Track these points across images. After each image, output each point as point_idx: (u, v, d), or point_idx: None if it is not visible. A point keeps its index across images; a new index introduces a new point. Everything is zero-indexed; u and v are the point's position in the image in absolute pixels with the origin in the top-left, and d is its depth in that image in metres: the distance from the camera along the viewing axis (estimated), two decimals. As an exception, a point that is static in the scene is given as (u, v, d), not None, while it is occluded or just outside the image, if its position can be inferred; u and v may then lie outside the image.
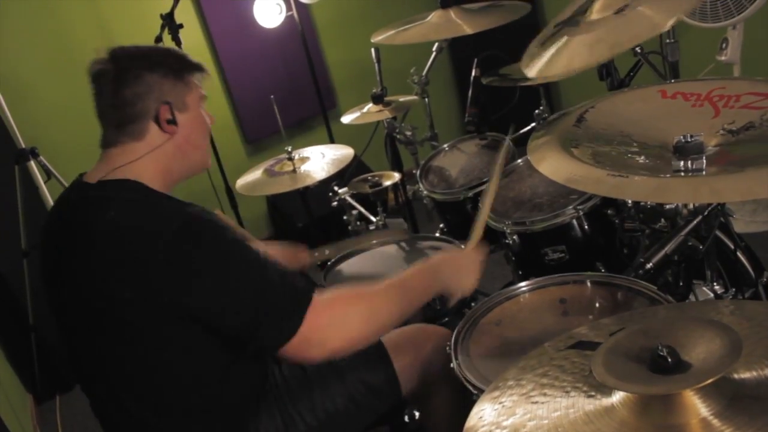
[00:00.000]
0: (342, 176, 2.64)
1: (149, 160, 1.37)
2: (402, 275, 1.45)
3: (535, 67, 1.64)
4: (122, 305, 1.26)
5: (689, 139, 1.11)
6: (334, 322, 1.33)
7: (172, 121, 1.38)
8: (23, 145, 2.86)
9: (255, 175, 2.54)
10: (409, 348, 1.61)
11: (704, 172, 1.09)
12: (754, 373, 0.86)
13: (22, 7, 3.24)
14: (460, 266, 1.54)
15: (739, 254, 1.70)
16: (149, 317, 1.26)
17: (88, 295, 1.31)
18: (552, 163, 1.21)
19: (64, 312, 1.39)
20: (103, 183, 1.34)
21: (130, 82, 1.35)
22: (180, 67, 1.41)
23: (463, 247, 1.60)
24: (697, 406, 0.82)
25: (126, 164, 1.35)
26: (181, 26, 2.93)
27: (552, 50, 1.62)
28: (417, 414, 1.70)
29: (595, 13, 1.62)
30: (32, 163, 2.85)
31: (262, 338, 1.28)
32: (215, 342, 1.33)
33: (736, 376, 0.86)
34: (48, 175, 2.87)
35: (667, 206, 1.55)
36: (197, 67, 1.46)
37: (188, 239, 1.26)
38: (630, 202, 1.76)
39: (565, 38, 1.62)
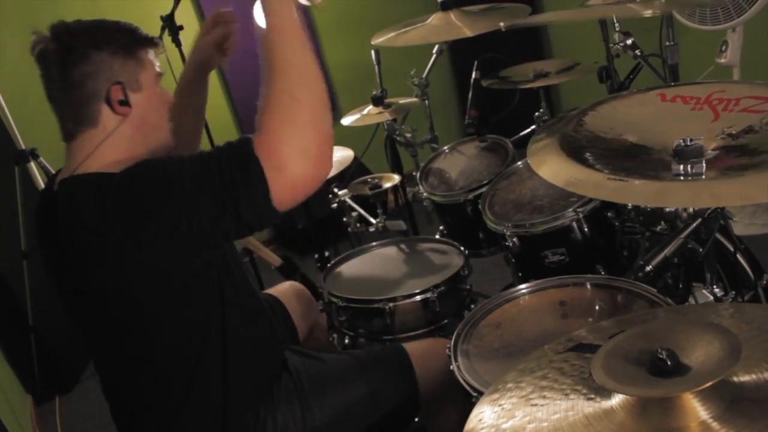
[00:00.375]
0: (342, 178, 2.64)
1: (109, 148, 1.31)
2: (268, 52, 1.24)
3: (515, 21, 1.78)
4: (111, 286, 1.25)
5: (689, 143, 1.12)
6: (290, 141, 1.15)
7: (125, 102, 1.31)
8: (23, 147, 2.86)
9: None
10: (426, 356, 1.63)
11: (704, 176, 1.10)
12: (754, 376, 0.86)
13: (23, 8, 3.24)
14: None
15: (738, 257, 1.71)
16: (136, 287, 1.24)
17: (86, 294, 1.31)
18: (551, 167, 1.22)
19: (69, 304, 1.39)
20: (63, 184, 1.30)
21: (77, 62, 1.27)
22: (130, 42, 1.33)
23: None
24: (697, 409, 0.82)
25: (87, 157, 1.30)
26: (181, 28, 2.93)
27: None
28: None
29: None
30: (32, 165, 2.85)
31: (251, 216, 1.17)
32: (208, 297, 1.31)
33: (735, 379, 0.86)
34: (48, 176, 2.87)
35: (667, 209, 1.55)
36: (150, 42, 1.38)
37: (125, 190, 1.20)
38: (630, 204, 1.76)
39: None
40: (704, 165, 1.11)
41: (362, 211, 2.64)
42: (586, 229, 1.80)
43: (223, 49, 1.79)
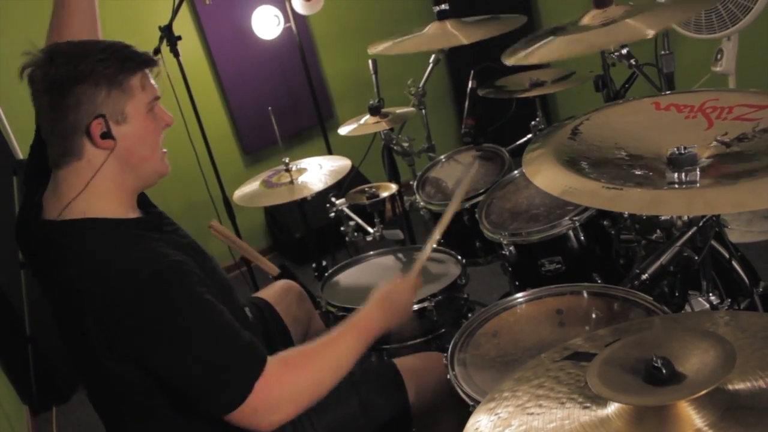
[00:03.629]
0: (339, 187, 2.64)
1: (99, 182, 1.29)
2: (344, 327, 1.42)
3: (515, 58, 1.80)
4: (97, 346, 1.25)
5: (683, 151, 1.12)
6: (284, 393, 1.28)
7: (108, 135, 1.26)
8: (21, 156, 2.86)
9: (253, 186, 2.54)
10: (419, 371, 1.63)
11: (698, 184, 1.10)
12: (749, 384, 0.86)
13: (21, 19, 3.25)
14: (397, 303, 1.52)
15: (734, 264, 1.71)
16: (113, 356, 1.25)
17: (68, 326, 1.33)
18: (547, 176, 1.22)
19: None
20: (65, 225, 1.28)
21: (59, 93, 1.24)
22: (116, 72, 1.26)
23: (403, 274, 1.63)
24: (692, 417, 0.83)
25: (78, 195, 1.28)
26: (179, 38, 2.94)
27: (535, 46, 1.78)
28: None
29: (583, 22, 1.72)
30: (30, 175, 2.85)
31: (206, 404, 1.25)
32: None
33: (730, 387, 0.86)
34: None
35: (663, 217, 1.55)
36: (142, 65, 1.31)
37: (155, 289, 1.21)
38: (626, 213, 1.77)
39: (550, 38, 1.77)
40: (698, 173, 1.11)
41: (359, 221, 2.64)
42: (582, 238, 1.80)
43: None
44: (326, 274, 2.19)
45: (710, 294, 1.54)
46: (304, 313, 2.02)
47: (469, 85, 2.45)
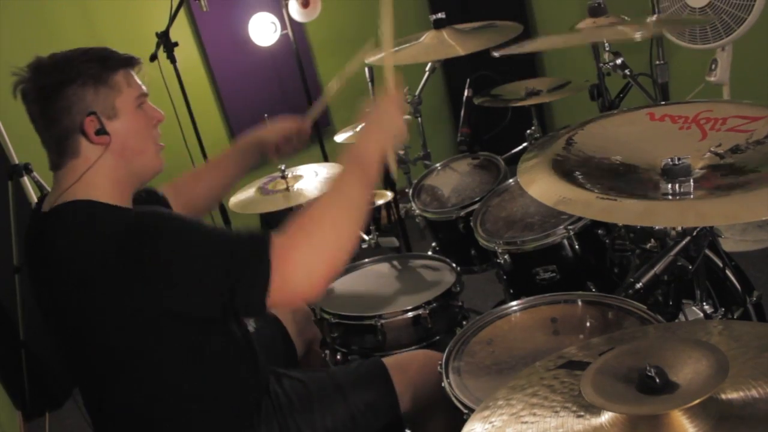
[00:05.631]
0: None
1: (94, 176, 1.32)
2: (343, 166, 1.38)
3: (506, 50, 1.87)
4: (97, 317, 1.25)
5: (677, 162, 1.13)
6: (305, 250, 1.24)
7: (102, 131, 1.31)
8: (17, 161, 2.86)
9: (248, 193, 2.54)
10: (411, 371, 1.62)
11: (692, 195, 1.11)
12: (741, 394, 0.87)
13: (17, 23, 3.26)
14: (387, 123, 1.46)
15: (728, 273, 1.72)
16: (124, 322, 1.25)
17: (67, 315, 1.31)
18: (541, 186, 1.23)
19: (53, 326, 1.39)
20: (54, 210, 1.31)
21: (50, 99, 1.30)
22: (100, 70, 1.32)
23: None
24: (685, 426, 0.83)
25: (72, 185, 1.31)
26: (176, 44, 2.94)
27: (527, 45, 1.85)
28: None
29: (579, 27, 1.76)
30: (26, 179, 2.85)
31: (242, 305, 1.24)
32: (197, 336, 1.32)
33: (723, 396, 0.87)
34: (41, 190, 2.87)
35: (657, 226, 1.56)
36: (124, 63, 1.36)
37: (134, 239, 1.22)
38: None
39: (545, 36, 1.77)
40: (692, 184, 1.12)
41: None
42: (576, 247, 1.81)
43: (285, 142, 1.89)
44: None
45: (704, 303, 1.54)
46: (308, 330, 2.03)
47: (465, 93, 2.46)
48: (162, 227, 1.24)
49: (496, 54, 1.87)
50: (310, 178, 2.50)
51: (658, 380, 0.85)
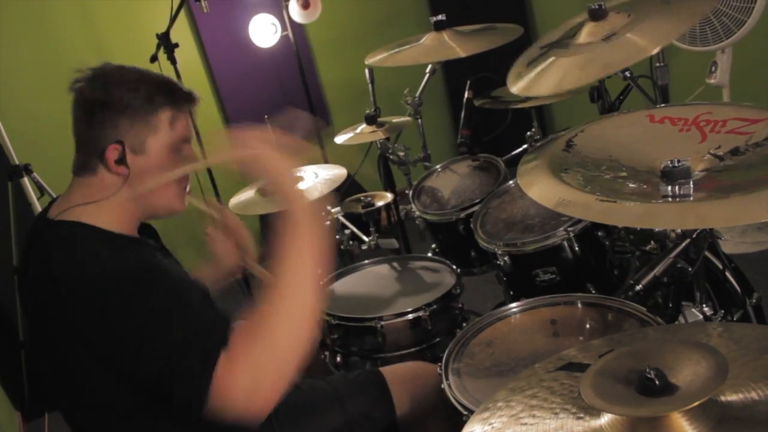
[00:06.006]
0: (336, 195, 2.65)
1: (106, 201, 1.30)
2: (277, 276, 1.25)
3: (522, 85, 1.69)
4: (54, 341, 1.24)
5: (676, 164, 1.13)
6: (248, 365, 1.13)
7: (122, 162, 1.28)
8: (17, 162, 2.86)
9: (248, 194, 2.54)
10: (407, 382, 1.63)
11: (692, 198, 1.11)
12: (741, 396, 0.87)
13: (17, 24, 3.26)
14: (283, 181, 1.34)
15: (728, 275, 1.72)
16: (77, 356, 1.22)
17: (33, 325, 1.31)
18: (541, 188, 1.23)
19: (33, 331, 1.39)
20: (57, 224, 1.29)
21: (90, 113, 1.29)
22: (142, 104, 1.29)
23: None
24: (685, 428, 0.83)
25: (82, 204, 1.29)
26: (176, 45, 2.95)
27: (539, 69, 1.69)
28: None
29: (583, 38, 1.68)
30: (26, 180, 2.85)
31: (177, 398, 1.15)
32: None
33: (722, 398, 0.87)
34: (41, 191, 2.87)
35: (657, 228, 1.56)
36: (169, 102, 1.33)
37: (108, 288, 1.17)
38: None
39: (552, 58, 1.69)
40: (692, 186, 1.12)
41: (355, 229, 2.65)
42: (576, 248, 1.81)
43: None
44: (321, 283, 2.18)
45: (704, 305, 1.54)
46: None
47: (466, 95, 2.46)
48: (147, 290, 1.19)
49: (512, 89, 1.75)
50: (310, 179, 2.50)
51: (657, 382, 0.85)
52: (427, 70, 2.70)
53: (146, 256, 1.29)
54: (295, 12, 3.48)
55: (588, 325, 1.54)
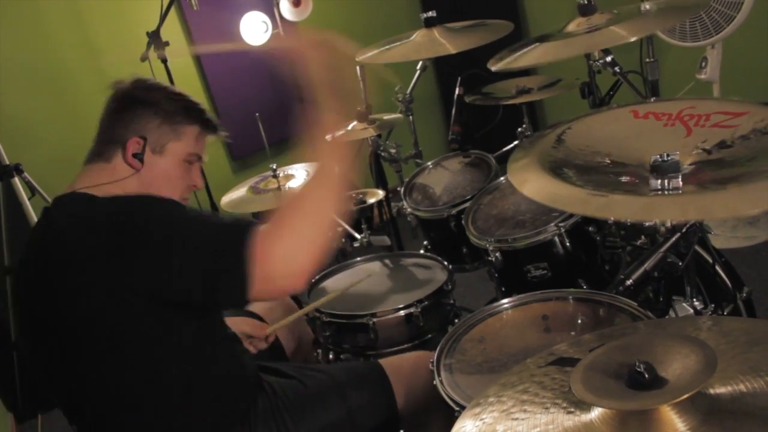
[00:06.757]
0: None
1: (111, 185, 1.37)
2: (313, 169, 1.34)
3: (502, 63, 1.85)
4: (83, 298, 1.25)
5: (666, 158, 1.14)
6: (285, 250, 1.20)
7: (139, 156, 1.39)
8: (7, 162, 2.84)
9: (240, 192, 2.54)
10: (405, 371, 1.63)
11: (681, 191, 1.11)
12: (729, 388, 0.87)
13: (7, 23, 3.24)
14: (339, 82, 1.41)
15: (718, 270, 1.73)
16: (113, 311, 1.25)
17: (54, 304, 1.30)
18: (534, 184, 1.23)
19: (35, 328, 1.38)
20: (68, 194, 1.36)
21: (124, 106, 1.40)
22: (174, 111, 1.42)
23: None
24: (674, 421, 0.84)
25: (89, 186, 1.36)
26: (167, 44, 2.94)
27: (520, 52, 1.85)
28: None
29: (568, 29, 1.75)
30: (16, 180, 2.84)
31: (224, 295, 1.22)
32: (188, 330, 1.32)
33: (711, 391, 0.87)
34: (32, 191, 2.86)
35: (647, 223, 1.57)
36: (199, 120, 1.46)
37: (122, 220, 1.26)
38: (611, 219, 1.78)
39: (535, 44, 1.83)
40: (680, 180, 1.13)
41: (347, 226, 2.65)
42: (568, 244, 1.81)
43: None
44: (313, 280, 2.19)
45: (694, 299, 1.55)
46: (297, 327, 2.02)
47: (456, 91, 2.46)
48: (155, 210, 1.29)
49: (492, 68, 1.88)
50: (302, 177, 2.50)
51: (647, 376, 0.86)
52: (418, 67, 2.69)
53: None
54: (286, 9, 3.48)
55: (579, 321, 1.54)
